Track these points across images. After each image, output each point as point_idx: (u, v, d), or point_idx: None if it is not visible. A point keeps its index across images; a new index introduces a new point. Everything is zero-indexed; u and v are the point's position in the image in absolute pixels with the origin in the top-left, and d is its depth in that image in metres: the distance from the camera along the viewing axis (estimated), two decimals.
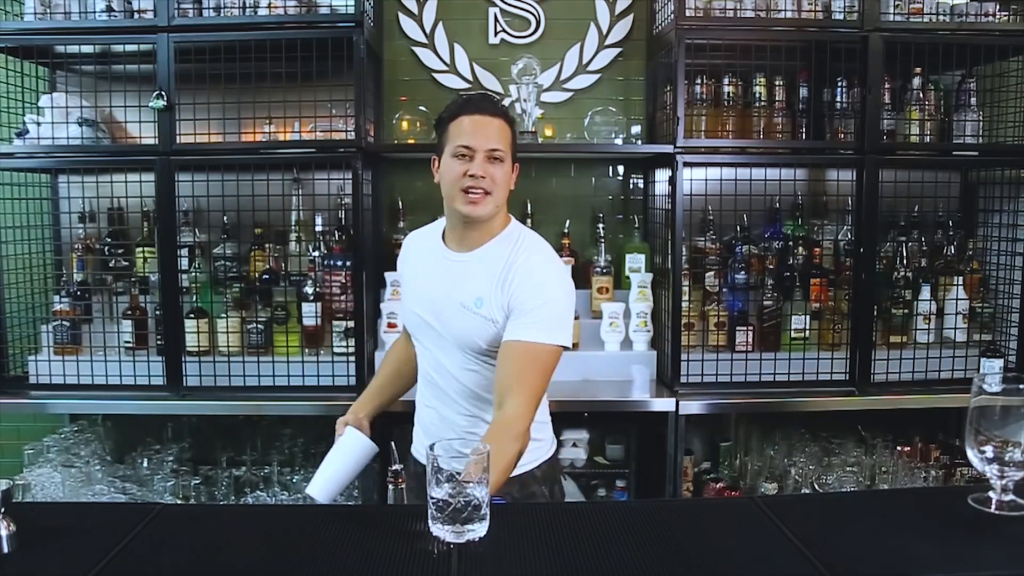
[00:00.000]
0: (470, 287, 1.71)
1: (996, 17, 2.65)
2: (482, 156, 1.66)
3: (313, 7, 2.64)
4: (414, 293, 1.84)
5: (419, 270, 1.85)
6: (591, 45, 3.05)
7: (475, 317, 1.69)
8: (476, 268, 1.73)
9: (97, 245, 2.85)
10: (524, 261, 1.70)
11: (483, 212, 1.68)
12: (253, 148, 2.67)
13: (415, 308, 1.81)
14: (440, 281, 1.76)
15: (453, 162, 1.67)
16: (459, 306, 1.71)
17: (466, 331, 1.71)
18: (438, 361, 1.78)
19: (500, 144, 1.67)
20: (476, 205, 1.66)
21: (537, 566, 1.13)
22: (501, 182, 1.68)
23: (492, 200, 1.68)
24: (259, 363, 2.60)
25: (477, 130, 1.67)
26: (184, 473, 2.68)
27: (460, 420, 1.78)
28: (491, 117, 1.69)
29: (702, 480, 2.91)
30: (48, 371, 2.64)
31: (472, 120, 1.68)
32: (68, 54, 2.73)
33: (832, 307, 2.76)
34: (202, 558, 1.18)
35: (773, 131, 2.73)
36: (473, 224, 1.72)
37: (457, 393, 1.77)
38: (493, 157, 1.67)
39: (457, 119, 1.70)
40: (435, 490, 1.17)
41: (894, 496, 1.95)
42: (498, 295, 1.68)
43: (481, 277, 1.71)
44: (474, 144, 1.65)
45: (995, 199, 2.88)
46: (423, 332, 1.81)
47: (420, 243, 1.90)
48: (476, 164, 1.65)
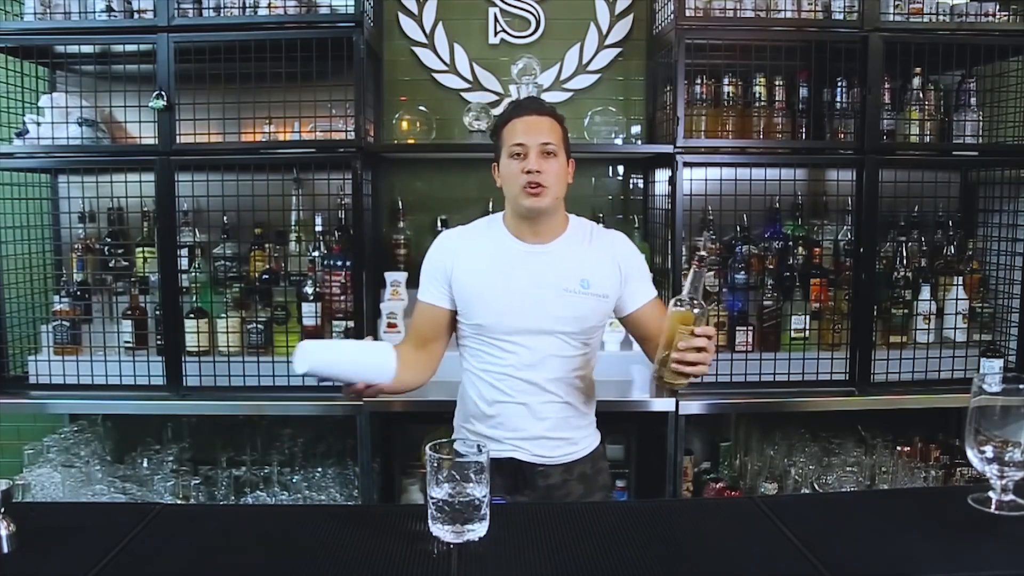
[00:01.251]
0: (569, 272, 1.80)
1: (996, 17, 2.65)
2: (536, 152, 1.75)
3: (313, 7, 2.64)
4: (494, 291, 1.79)
5: (491, 266, 1.81)
6: (591, 45, 3.05)
7: (586, 297, 1.80)
8: (566, 254, 1.82)
9: (97, 245, 2.85)
10: (616, 237, 1.91)
11: (544, 204, 1.76)
12: (253, 148, 2.67)
13: (504, 303, 1.78)
14: (530, 273, 1.79)
15: (511, 162, 1.78)
16: (563, 291, 1.79)
17: (575, 313, 1.80)
18: (532, 352, 1.79)
19: (551, 139, 1.77)
20: (537, 198, 1.75)
21: (537, 566, 1.13)
22: (556, 175, 1.77)
23: (551, 192, 1.76)
24: (259, 363, 2.60)
25: (529, 128, 1.77)
26: (184, 473, 2.69)
27: (549, 408, 1.82)
28: (540, 116, 1.80)
29: (702, 480, 2.91)
30: (48, 371, 2.63)
31: (523, 121, 1.78)
32: (68, 54, 2.73)
33: (832, 307, 2.76)
34: (202, 558, 1.18)
35: (773, 131, 2.73)
36: (540, 217, 1.80)
37: (551, 382, 1.81)
38: (546, 152, 1.76)
39: (510, 123, 1.80)
40: (435, 490, 1.17)
41: (894, 496, 1.95)
42: (607, 270, 1.83)
43: (576, 261, 1.82)
44: (527, 141, 1.75)
45: (995, 199, 2.88)
46: (515, 326, 1.79)
47: (474, 241, 1.86)
48: (531, 160, 1.74)
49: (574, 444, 1.87)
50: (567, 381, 1.84)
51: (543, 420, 1.82)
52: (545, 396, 1.82)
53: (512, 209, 1.83)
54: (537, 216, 1.80)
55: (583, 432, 1.90)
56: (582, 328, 1.82)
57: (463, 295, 1.83)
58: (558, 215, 1.85)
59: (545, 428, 1.82)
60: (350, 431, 2.65)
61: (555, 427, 1.83)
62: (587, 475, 1.89)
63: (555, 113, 1.84)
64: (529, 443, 1.82)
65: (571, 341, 1.82)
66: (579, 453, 1.88)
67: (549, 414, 1.83)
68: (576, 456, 1.87)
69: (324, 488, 2.67)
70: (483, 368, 1.84)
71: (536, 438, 1.82)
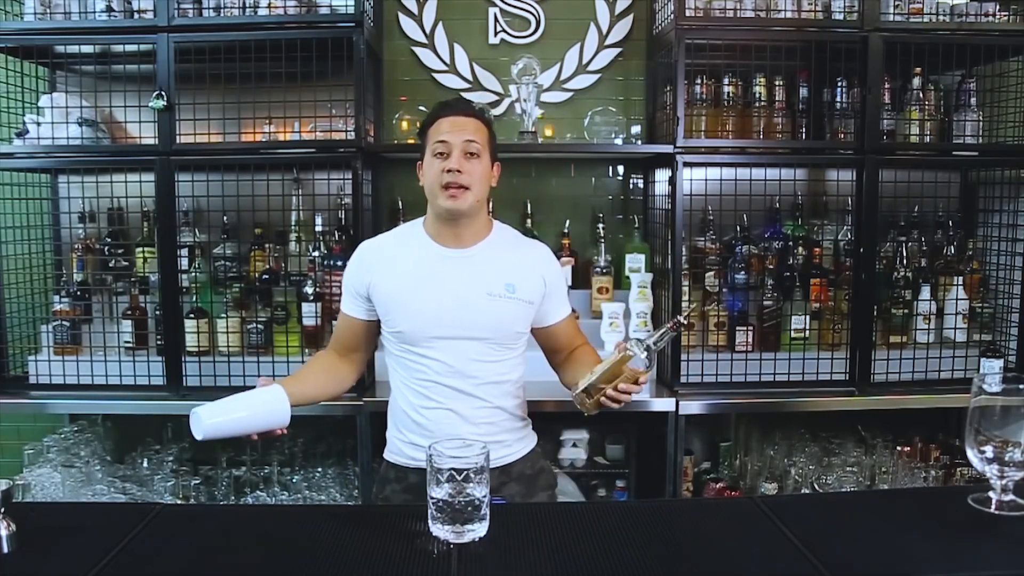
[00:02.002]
0: (494, 276, 1.78)
1: (996, 17, 2.65)
2: (458, 151, 1.72)
3: (313, 7, 2.64)
4: (415, 297, 1.76)
5: (412, 272, 1.78)
6: (591, 45, 3.05)
7: (509, 302, 1.78)
8: (490, 258, 1.80)
9: (97, 245, 2.85)
10: (542, 250, 1.90)
11: (463, 205, 1.73)
12: (253, 148, 2.67)
13: (425, 309, 1.75)
14: (452, 278, 1.77)
15: (433, 161, 1.75)
16: (487, 296, 1.76)
17: (500, 317, 1.77)
18: (457, 358, 1.77)
19: (476, 138, 1.74)
20: (456, 199, 1.71)
21: (537, 566, 1.13)
22: (479, 176, 1.74)
23: (471, 194, 1.73)
24: (259, 363, 2.60)
25: (453, 127, 1.75)
26: (184, 473, 2.69)
27: (479, 413, 1.80)
28: (466, 117, 1.78)
29: (702, 480, 2.91)
30: (48, 371, 2.63)
31: (448, 120, 1.76)
32: (68, 54, 2.73)
33: (832, 307, 2.76)
34: (202, 558, 1.18)
35: (773, 131, 2.73)
36: (461, 220, 1.77)
37: (478, 388, 1.79)
38: (469, 152, 1.73)
39: (436, 122, 1.78)
40: (435, 490, 1.17)
41: (894, 496, 1.95)
42: (533, 279, 1.81)
43: (500, 266, 1.80)
44: (450, 139, 1.73)
45: (995, 199, 2.88)
46: (437, 332, 1.76)
47: (393, 250, 1.83)
48: (453, 159, 1.72)
49: (508, 447, 1.85)
50: (495, 386, 1.80)
51: (474, 425, 1.79)
52: (474, 402, 1.79)
53: (432, 211, 1.80)
54: (457, 218, 1.76)
55: (517, 435, 1.88)
56: (508, 332, 1.80)
57: (384, 304, 1.79)
58: (480, 218, 1.81)
59: (476, 434, 1.78)
60: (350, 431, 2.65)
61: (486, 432, 1.79)
62: (526, 475, 1.87)
63: (483, 115, 1.83)
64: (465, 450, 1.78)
65: (497, 346, 1.79)
66: (514, 456, 1.86)
67: (479, 419, 1.80)
68: (511, 458, 1.86)
69: (324, 488, 2.67)
70: (409, 375, 1.82)
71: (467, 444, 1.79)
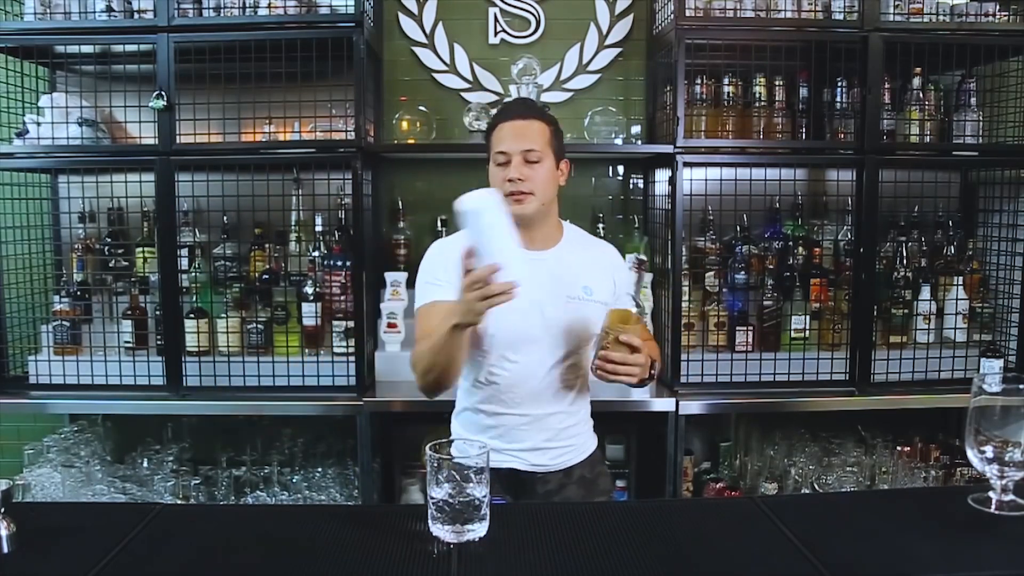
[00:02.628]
0: (572, 279, 1.79)
1: (996, 17, 2.65)
2: (518, 159, 1.73)
3: (313, 7, 2.64)
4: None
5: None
6: (591, 45, 3.05)
7: (589, 304, 1.78)
8: (567, 261, 1.81)
9: (97, 245, 2.84)
10: (610, 249, 1.93)
11: (527, 211, 1.74)
12: (253, 148, 2.67)
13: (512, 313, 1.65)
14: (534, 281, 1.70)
15: (496, 170, 1.77)
16: (566, 299, 1.77)
17: (581, 320, 1.78)
18: (537, 361, 1.77)
19: (535, 144, 1.74)
20: (520, 204, 1.73)
21: (537, 566, 1.13)
22: (541, 181, 1.75)
23: (535, 199, 1.74)
24: (259, 363, 2.60)
25: (513, 135, 1.75)
26: (184, 473, 2.69)
27: (553, 420, 1.81)
28: (526, 120, 1.77)
29: (702, 480, 2.91)
30: (48, 371, 2.63)
31: (508, 126, 1.76)
32: (68, 54, 2.73)
33: (832, 307, 2.76)
34: (202, 558, 1.18)
35: (773, 131, 2.73)
36: (532, 223, 1.77)
37: (554, 392, 1.80)
38: (528, 160, 1.74)
39: (497, 128, 1.78)
40: (435, 490, 1.17)
41: (894, 496, 1.95)
42: (606, 279, 1.82)
43: (577, 268, 1.81)
44: (509, 149, 1.74)
45: (995, 199, 2.88)
46: (523, 336, 1.75)
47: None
48: (513, 168, 1.73)
49: (573, 449, 1.86)
50: (569, 388, 1.82)
51: (544, 431, 1.80)
52: (548, 407, 1.80)
53: None
54: (527, 223, 1.75)
55: (582, 438, 1.89)
56: (586, 335, 1.80)
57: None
58: (550, 221, 1.83)
59: (545, 438, 1.81)
60: (350, 431, 2.65)
61: (555, 436, 1.82)
62: (586, 479, 1.88)
63: (544, 115, 1.82)
64: (529, 453, 1.80)
65: (574, 349, 1.80)
66: (577, 457, 1.87)
67: (551, 424, 1.81)
68: (574, 460, 1.86)
69: (324, 488, 2.67)
70: (484, 380, 1.80)
71: (536, 448, 1.81)
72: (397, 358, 2.72)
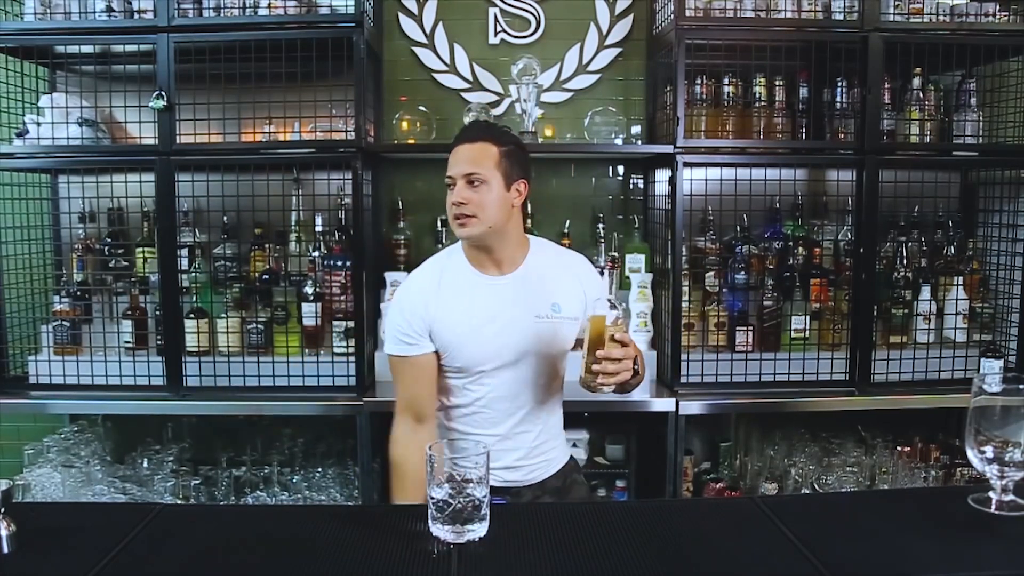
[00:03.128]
0: (539, 298, 1.79)
1: (996, 17, 2.65)
2: (461, 183, 1.72)
3: (313, 7, 2.64)
4: (472, 331, 1.75)
5: (465, 306, 1.76)
6: (591, 45, 3.05)
7: (558, 321, 1.79)
8: (532, 282, 1.80)
9: (97, 245, 2.84)
10: (579, 261, 1.92)
11: (472, 233, 1.72)
12: (253, 148, 2.67)
13: (485, 342, 1.74)
14: (503, 306, 1.76)
15: (448, 193, 1.76)
16: (534, 319, 1.77)
17: (550, 338, 1.79)
18: (508, 384, 1.78)
19: (478, 168, 1.71)
20: (464, 228, 1.72)
21: (537, 566, 1.13)
22: (486, 203, 1.71)
23: (479, 223, 1.71)
24: (259, 363, 2.60)
25: (457, 159, 1.74)
26: (184, 473, 2.69)
27: (526, 438, 1.82)
28: (474, 144, 1.74)
29: (702, 480, 2.91)
30: (48, 371, 2.63)
31: (457, 150, 1.76)
32: (68, 54, 2.73)
33: (832, 307, 2.76)
34: (202, 558, 1.18)
35: (773, 131, 2.73)
36: (491, 246, 1.76)
37: (527, 411, 1.81)
38: (470, 182, 1.71)
39: (452, 152, 1.77)
40: (435, 490, 1.17)
41: (894, 496, 1.95)
42: (574, 294, 1.83)
43: (545, 286, 1.80)
44: (453, 173, 1.74)
45: (995, 199, 2.88)
46: (496, 362, 1.76)
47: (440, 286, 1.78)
48: (456, 191, 1.72)
49: (545, 464, 1.88)
50: (541, 405, 1.83)
51: (516, 450, 1.82)
52: (521, 426, 1.81)
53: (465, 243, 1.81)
54: (483, 247, 1.76)
55: (553, 453, 1.90)
56: (557, 351, 1.82)
57: (444, 343, 1.76)
58: (510, 242, 1.79)
59: (517, 457, 1.82)
60: (350, 431, 2.65)
61: (528, 455, 1.84)
62: (559, 489, 1.89)
63: (498, 136, 1.77)
64: (502, 471, 1.81)
65: (546, 367, 1.81)
66: (550, 471, 1.89)
67: (524, 442, 1.82)
68: (548, 473, 1.88)
69: (324, 488, 2.67)
70: (455, 404, 1.82)
71: (509, 467, 1.82)
72: None
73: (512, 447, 1.81)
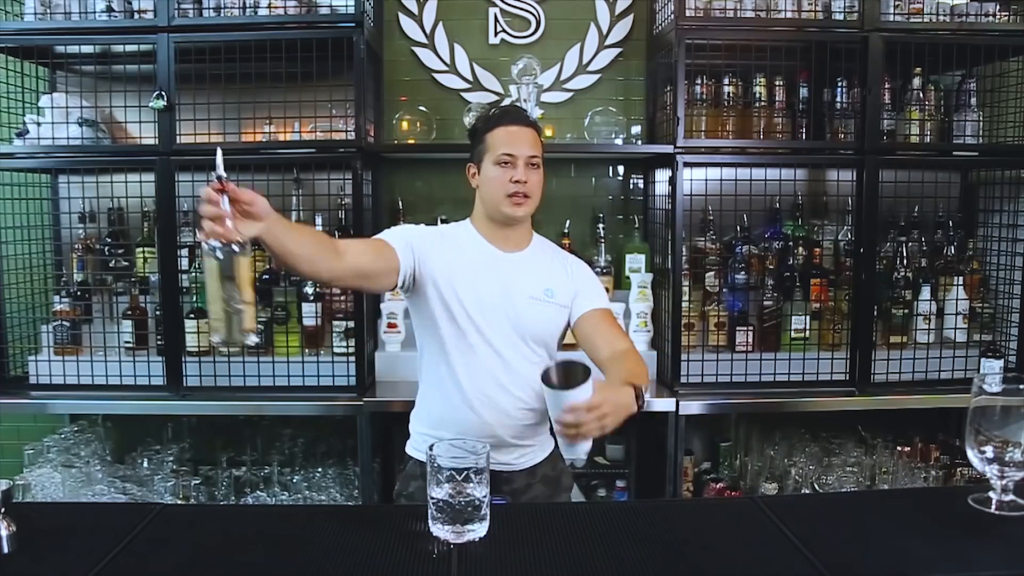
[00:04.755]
0: (535, 281, 1.86)
1: (996, 17, 2.65)
2: (523, 163, 1.81)
3: (313, 7, 2.64)
4: (472, 289, 1.81)
5: (469, 266, 1.83)
6: (591, 45, 3.05)
7: (549, 306, 1.86)
8: (532, 264, 1.89)
9: (97, 245, 2.84)
10: (574, 259, 2.00)
11: (525, 213, 1.84)
12: (253, 148, 2.67)
13: (479, 302, 1.81)
14: (503, 278, 1.84)
15: (496, 169, 1.82)
16: (529, 299, 1.84)
17: (541, 321, 1.86)
18: (501, 356, 1.82)
19: (536, 151, 1.84)
20: (521, 207, 1.81)
21: (537, 566, 1.13)
22: (537, 186, 1.85)
23: (532, 202, 1.84)
24: (259, 363, 2.60)
25: (517, 139, 1.82)
26: (184, 473, 2.68)
27: (518, 413, 1.85)
28: (528, 128, 1.85)
29: (702, 480, 2.91)
30: (48, 371, 2.63)
31: (511, 131, 1.83)
32: (68, 54, 2.73)
33: (832, 307, 2.75)
34: (202, 558, 1.18)
35: (773, 131, 2.73)
36: (516, 225, 1.87)
37: (519, 387, 1.84)
38: (531, 164, 1.82)
39: (495, 130, 1.84)
40: (435, 490, 1.17)
41: (894, 496, 1.95)
42: (567, 284, 1.89)
43: (541, 271, 1.88)
44: (517, 152, 1.81)
45: (995, 199, 2.88)
46: (487, 326, 1.81)
47: (455, 240, 1.88)
48: (519, 170, 1.80)
49: (535, 449, 1.91)
50: (532, 387, 1.84)
51: (510, 427, 1.84)
52: (513, 402, 1.84)
53: (488, 215, 1.87)
54: (514, 224, 1.86)
55: (542, 437, 1.93)
56: (546, 335, 1.88)
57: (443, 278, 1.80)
58: (527, 225, 1.92)
59: (511, 434, 1.85)
60: (350, 431, 2.65)
61: (521, 433, 1.86)
62: (549, 476, 1.94)
63: (537, 125, 1.91)
64: (495, 452, 1.80)
65: (536, 348, 1.87)
66: (540, 456, 1.92)
67: (516, 420, 1.84)
68: (538, 459, 1.91)
69: (324, 488, 2.67)
70: (450, 374, 1.83)
71: (503, 446, 1.84)
72: (397, 358, 2.72)
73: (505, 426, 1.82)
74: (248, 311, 1.32)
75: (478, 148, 1.87)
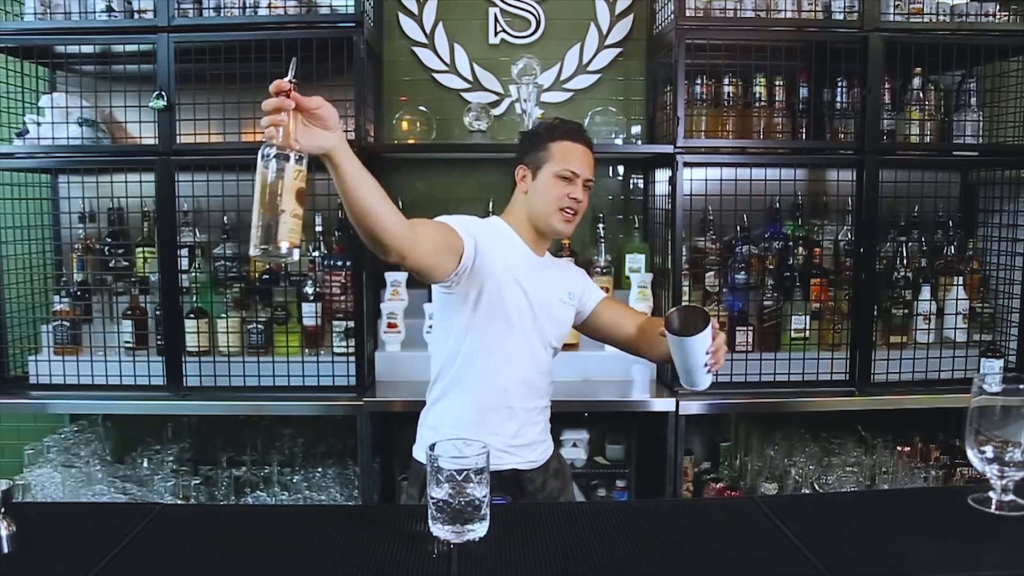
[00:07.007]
0: (562, 285, 1.95)
1: (996, 17, 2.65)
2: (581, 182, 1.86)
3: (313, 7, 2.64)
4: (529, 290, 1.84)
5: (523, 266, 1.86)
6: (591, 45, 3.05)
7: (571, 309, 1.97)
8: (554, 269, 1.98)
9: (97, 245, 2.84)
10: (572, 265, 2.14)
11: (570, 231, 1.91)
12: (253, 148, 2.64)
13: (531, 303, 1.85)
14: (539, 281, 1.89)
15: (556, 182, 1.85)
16: (559, 302, 1.93)
17: (566, 324, 1.96)
18: (535, 355, 1.88)
19: (592, 175, 1.90)
20: (570, 224, 1.88)
21: (537, 566, 1.13)
22: (584, 208, 1.90)
23: (577, 221, 1.90)
24: (259, 363, 2.60)
25: (583, 159, 1.87)
26: (184, 473, 2.69)
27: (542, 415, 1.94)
28: (590, 150, 1.90)
29: (702, 480, 2.91)
30: (48, 371, 2.63)
31: (580, 150, 1.87)
32: (68, 54, 2.73)
33: (832, 307, 2.75)
34: (202, 558, 1.18)
35: (773, 131, 2.73)
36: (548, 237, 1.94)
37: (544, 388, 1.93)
38: (586, 185, 1.88)
39: (563, 142, 1.86)
40: (435, 490, 1.17)
41: (894, 496, 1.95)
42: (576, 287, 2.00)
43: (562, 277, 1.98)
44: (580, 172, 1.86)
45: (995, 199, 2.88)
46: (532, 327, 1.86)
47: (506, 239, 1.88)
48: (578, 189, 1.85)
49: (547, 445, 1.98)
50: (550, 385, 1.97)
51: (535, 424, 1.91)
52: (539, 402, 1.91)
53: (533, 223, 1.89)
54: (555, 235, 1.93)
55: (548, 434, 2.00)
56: (564, 336, 1.99)
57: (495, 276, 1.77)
58: None
59: (536, 432, 1.91)
60: (350, 431, 2.65)
61: (543, 431, 1.94)
62: (558, 469, 2.00)
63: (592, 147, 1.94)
64: (524, 449, 1.88)
65: (556, 348, 1.96)
66: (550, 451, 1.98)
67: (540, 418, 1.93)
68: (549, 454, 1.97)
69: (324, 488, 2.67)
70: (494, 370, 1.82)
71: (529, 443, 1.89)
72: (397, 358, 2.72)
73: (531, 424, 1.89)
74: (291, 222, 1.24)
75: (537, 154, 1.87)
